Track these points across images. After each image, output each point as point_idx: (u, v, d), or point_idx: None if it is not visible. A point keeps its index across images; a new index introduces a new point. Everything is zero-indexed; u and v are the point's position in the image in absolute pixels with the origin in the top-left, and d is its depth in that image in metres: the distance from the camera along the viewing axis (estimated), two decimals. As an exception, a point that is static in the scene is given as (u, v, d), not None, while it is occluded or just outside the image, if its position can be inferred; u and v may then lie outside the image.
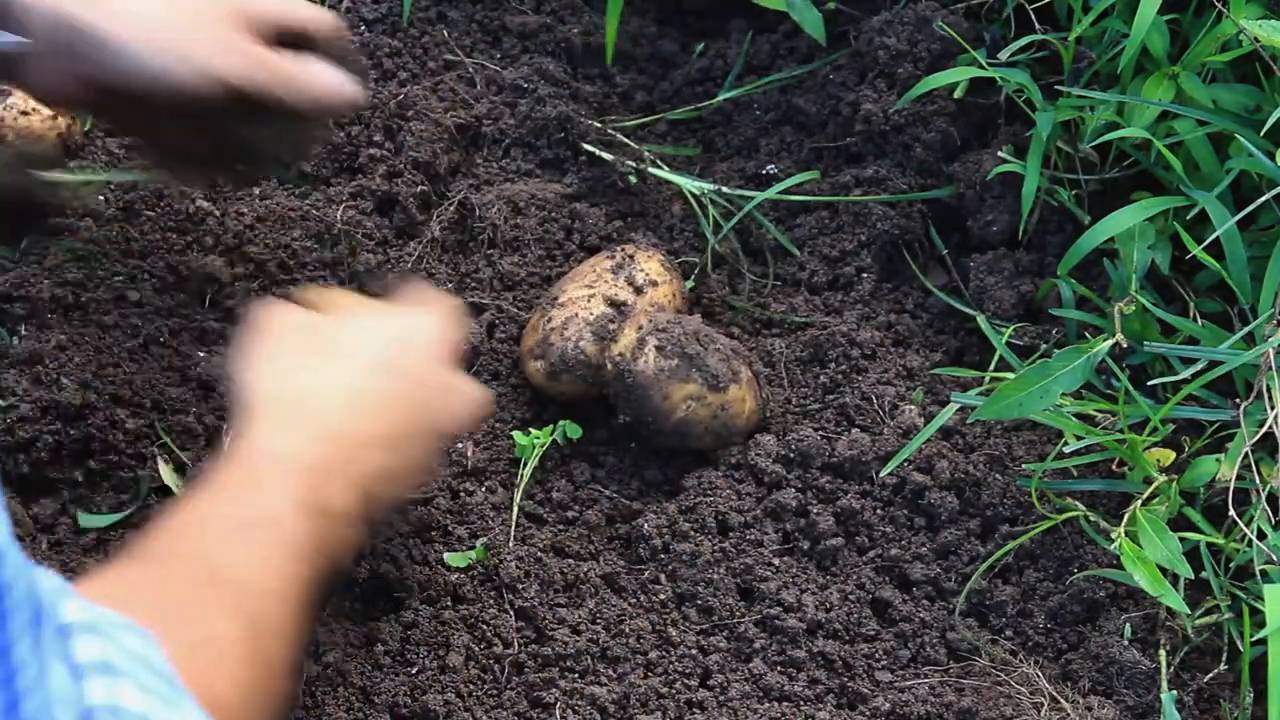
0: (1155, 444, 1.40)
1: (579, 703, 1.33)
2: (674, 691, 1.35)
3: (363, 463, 1.11)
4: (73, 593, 0.78)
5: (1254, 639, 1.31)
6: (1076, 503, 1.41)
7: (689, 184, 1.67)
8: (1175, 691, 1.31)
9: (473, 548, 1.43)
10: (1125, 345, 1.42)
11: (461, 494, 1.50)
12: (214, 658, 0.92)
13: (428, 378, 1.21)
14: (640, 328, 1.47)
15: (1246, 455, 1.34)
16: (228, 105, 1.26)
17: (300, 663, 1.01)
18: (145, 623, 0.82)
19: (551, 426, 1.50)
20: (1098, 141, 1.54)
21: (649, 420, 1.46)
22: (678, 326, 1.47)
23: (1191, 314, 1.50)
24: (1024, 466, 1.45)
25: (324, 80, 1.32)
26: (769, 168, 1.72)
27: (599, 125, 1.69)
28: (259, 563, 0.99)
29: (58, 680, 0.71)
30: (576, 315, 1.52)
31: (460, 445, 1.52)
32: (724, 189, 1.68)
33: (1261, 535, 1.32)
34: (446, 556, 1.42)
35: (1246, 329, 1.40)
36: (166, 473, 1.42)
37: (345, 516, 1.08)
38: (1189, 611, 1.32)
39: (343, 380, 1.15)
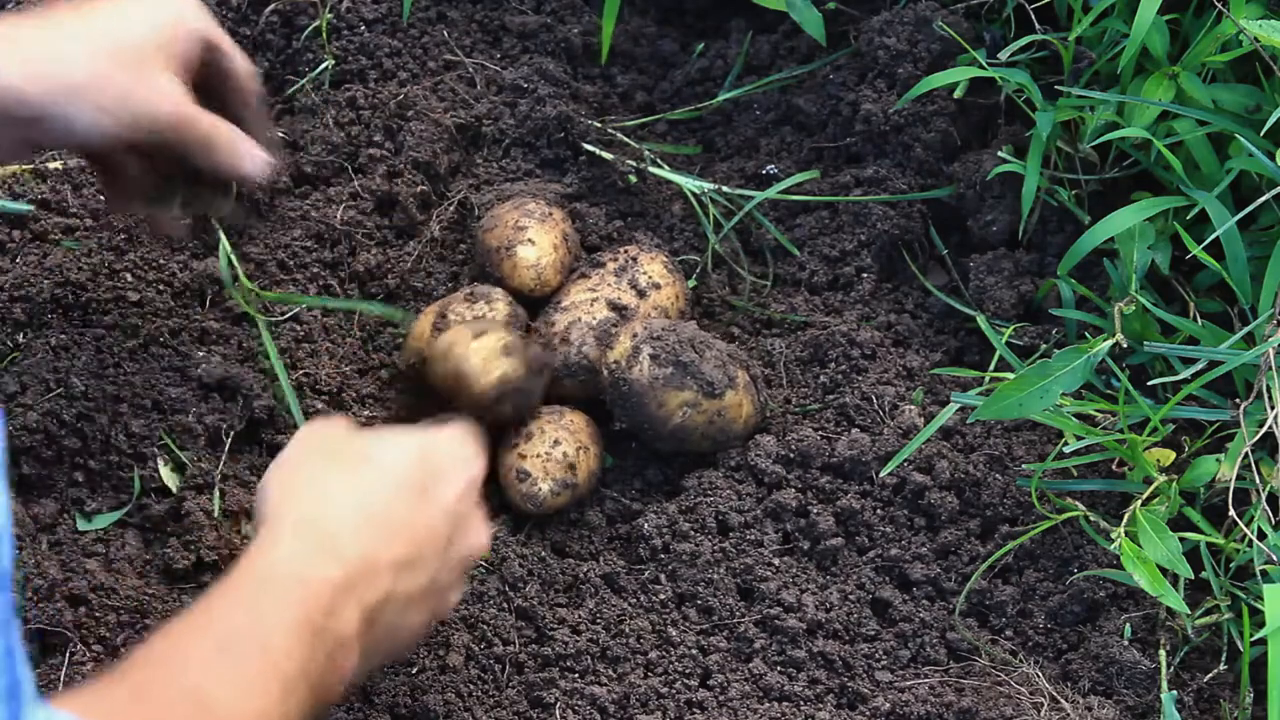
0: (1155, 444, 1.40)
1: (579, 703, 1.33)
2: (674, 691, 1.35)
3: (372, 587, 1.05)
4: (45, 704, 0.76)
5: (1254, 639, 1.31)
6: (1076, 503, 1.41)
7: (689, 184, 1.67)
8: (1175, 691, 1.31)
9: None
10: (1125, 345, 1.42)
11: (461, 494, 1.50)
12: None
13: (453, 508, 1.15)
14: (635, 334, 1.47)
15: (1246, 455, 1.34)
16: (159, 144, 1.28)
17: None
18: None
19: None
20: (1098, 141, 1.54)
21: (645, 427, 1.46)
22: (672, 334, 1.46)
23: (1191, 314, 1.50)
24: (1024, 466, 1.45)
25: (237, 148, 1.31)
26: (769, 168, 1.72)
27: (599, 125, 1.69)
28: (242, 690, 0.93)
29: None
30: (579, 319, 1.52)
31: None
32: (724, 189, 1.68)
33: (1261, 535, 1.32)
34: (446, 556, 1.42)
35: (1246, 329, 1.40)
36: (166, 473, 1.42)
37: (344, 642, 1.02)
38: (1189, 611, 1.32)
39: (364, 498, 1.09)
